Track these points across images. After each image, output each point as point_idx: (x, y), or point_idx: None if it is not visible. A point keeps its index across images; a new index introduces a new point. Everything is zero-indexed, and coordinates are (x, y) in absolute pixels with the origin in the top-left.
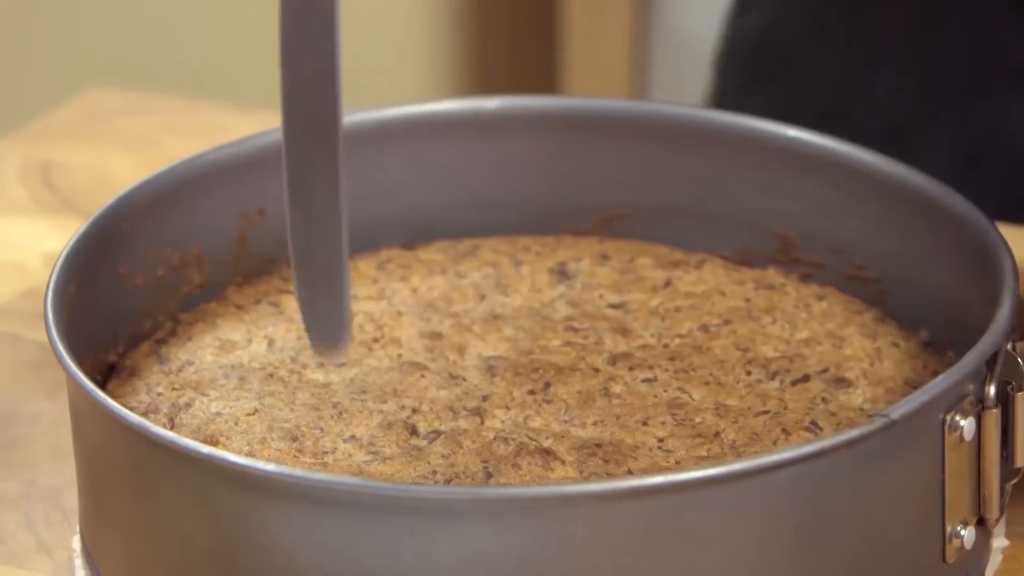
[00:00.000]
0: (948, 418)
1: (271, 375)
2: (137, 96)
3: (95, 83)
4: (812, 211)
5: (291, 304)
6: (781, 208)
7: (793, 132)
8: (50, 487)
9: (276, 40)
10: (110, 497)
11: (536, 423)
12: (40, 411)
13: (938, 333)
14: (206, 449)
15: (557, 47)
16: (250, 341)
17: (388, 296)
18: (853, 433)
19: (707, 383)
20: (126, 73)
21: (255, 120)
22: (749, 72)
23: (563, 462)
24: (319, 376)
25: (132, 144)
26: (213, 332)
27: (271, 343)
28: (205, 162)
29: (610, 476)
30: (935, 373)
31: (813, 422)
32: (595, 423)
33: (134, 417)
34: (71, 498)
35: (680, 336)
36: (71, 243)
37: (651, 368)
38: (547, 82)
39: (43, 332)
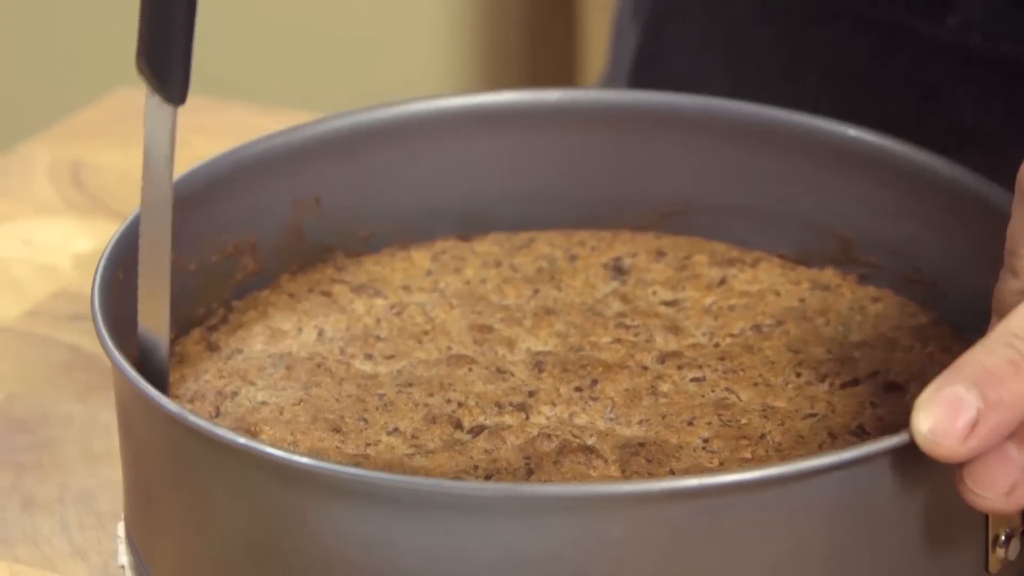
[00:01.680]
0: None
1: (319, 365)
2: None
3: (123, 82)
4: (871, 212)
5: (344, 294)
6: (840, 208)
7: (854, 132)
8: (83, 490)
9: (303, 40)
10: (154, 486)
11: (581, 420)
12: (72, 413)
13: None
14: (242, 439)
15: (575, 38)
16: (300, 330)
17: (441, 288)
18: (896, 440)
19: (756, 384)
20: None
21: (283, 120)
22: None
23: (605, 460)
24: (367, 367)
25: None
26: (264, 320)
27: (321, 333)
28: (261, 149)
29: (652, 476)
30: None
31: (860, 426)
32: (640, 422)
33: (173, 405)
34: (105, 502)
35: (732, 335)
36: (122, 227)
37: (700, 367)
38: (565, 76)
39: (74, 334)
